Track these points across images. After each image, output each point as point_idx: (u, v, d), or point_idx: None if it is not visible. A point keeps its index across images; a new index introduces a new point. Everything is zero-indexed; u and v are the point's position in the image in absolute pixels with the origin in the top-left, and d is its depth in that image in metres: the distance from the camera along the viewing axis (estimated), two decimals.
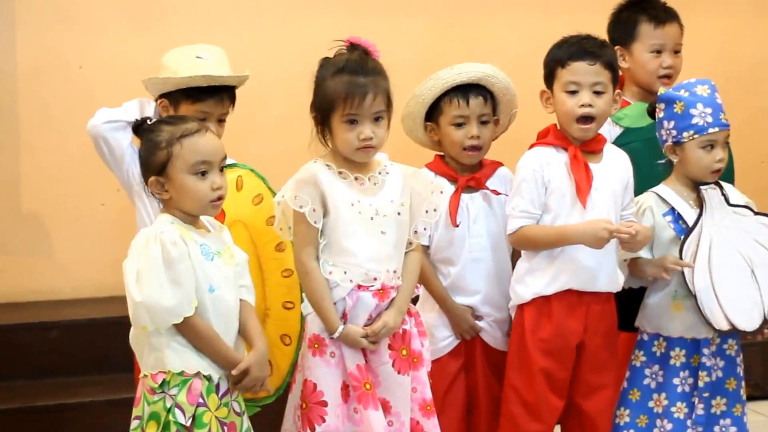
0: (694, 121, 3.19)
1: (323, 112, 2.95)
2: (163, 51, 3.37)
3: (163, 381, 2.73)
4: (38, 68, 4.62)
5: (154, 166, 2.79)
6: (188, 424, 2.70)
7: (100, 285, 4.56)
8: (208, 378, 2.76)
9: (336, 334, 2.91)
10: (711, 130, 3.18)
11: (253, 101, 3.52)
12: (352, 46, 2.96)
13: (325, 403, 2.90)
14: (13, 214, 4.62)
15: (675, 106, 3.21)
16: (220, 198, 2.81)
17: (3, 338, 4.16)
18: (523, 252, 3.26)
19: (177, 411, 2.70)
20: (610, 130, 3.49)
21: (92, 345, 4.19)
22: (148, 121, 2.85)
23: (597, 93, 3.17)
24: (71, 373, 4.15)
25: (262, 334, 2.91)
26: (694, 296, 3.17)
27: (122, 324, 2.86)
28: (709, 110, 3.18)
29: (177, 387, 2.72)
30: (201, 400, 2.73)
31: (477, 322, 3.29)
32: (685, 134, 3.20)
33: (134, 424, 2.76)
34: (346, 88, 2.89)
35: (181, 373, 2.73)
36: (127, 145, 3.29)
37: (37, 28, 4.60)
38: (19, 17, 4.60)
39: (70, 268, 4.65)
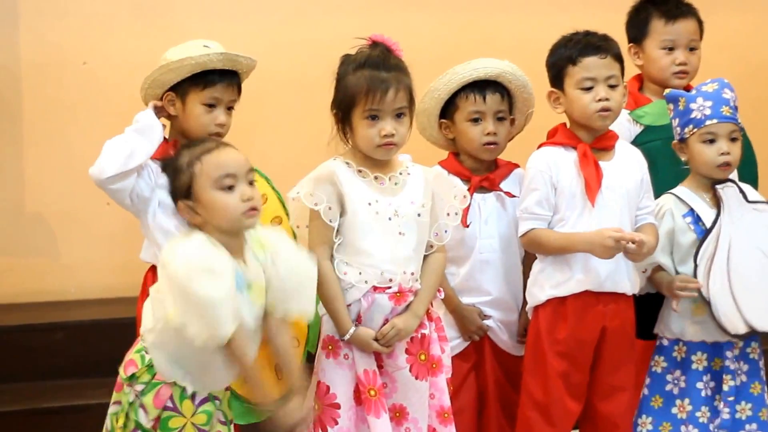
0: (693, 115, 3.15)
1: (344, 108, 2.91)
2: (168, 47, 3.32)
3: (132, 375, 2.70)
4: (42, 64, 4.58)
5: (181, 190, 2.72)
6: (149, 426, 2.68)
7: (105, 286, 4.54)
8: (183, 388, 2.72)
9: (347, 336, 2.88)
10: (708, 122, 3.13)
11: (260, 99, 3.49)
12: (374, 44, 2.93)
13: (337, 406, 2.89)
14: (17, 214, 4.59)
15: (679, 103, 3.19)
16: (253, 208, 2.70)
17: (8, 339, 4.13)
18: (538, 254, 3.21)
19: (140, 411, 2.68)
20: (630, 129, 3.45)
21: (98, 346, 4.13)
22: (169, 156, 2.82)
23: (611, 87, 3.14)
24: (76, 375, 4.12)
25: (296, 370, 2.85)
26: (708, 302, 3.13)
27: (128, 325, 2.85)
28: (708, 103, 3.14)
29: (143, 385, 2.69)
30: (170, 404, 2.70)
31: (484, 321, 3.25)
32: (686, 129, 3.17)
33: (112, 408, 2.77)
34: (368, 82, 2.86)
35: (152, 374, 2.69)
36: (150, 190, 3.02)
37: (41, 24, 4.57)
38: (22, 12, 4.57)
39: (75, 269, 4.62)
